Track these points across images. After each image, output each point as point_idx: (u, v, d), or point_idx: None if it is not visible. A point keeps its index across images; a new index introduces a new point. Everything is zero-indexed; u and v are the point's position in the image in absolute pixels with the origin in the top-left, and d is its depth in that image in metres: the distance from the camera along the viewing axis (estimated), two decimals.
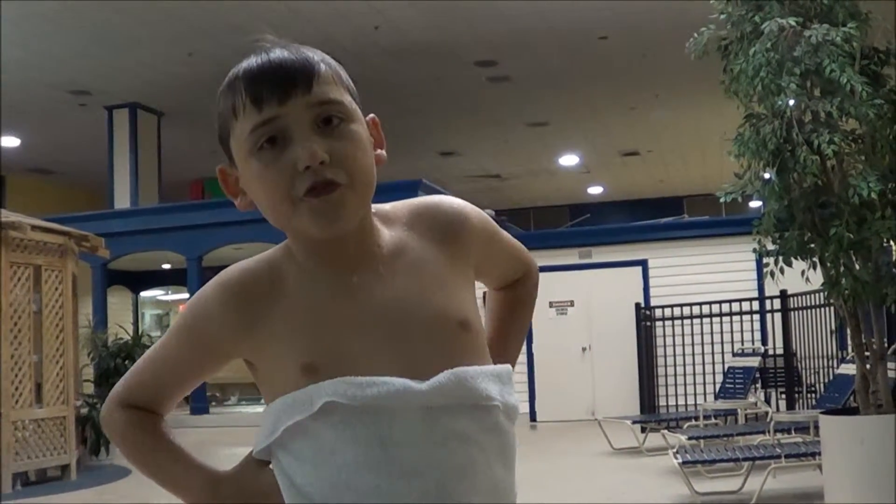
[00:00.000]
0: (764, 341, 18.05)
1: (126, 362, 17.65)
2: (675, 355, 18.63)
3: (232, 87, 1.86)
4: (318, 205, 1.78)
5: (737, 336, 17.90)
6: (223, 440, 18.83)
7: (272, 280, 1.90)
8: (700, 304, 18.35)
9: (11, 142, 25.05)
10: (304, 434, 1.80)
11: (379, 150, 1.93)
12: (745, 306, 18.15)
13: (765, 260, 9.71)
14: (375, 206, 1.95)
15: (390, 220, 1.96)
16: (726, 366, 17.05)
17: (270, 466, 1.91)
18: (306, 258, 1.90)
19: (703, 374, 18.04)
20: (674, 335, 18.69)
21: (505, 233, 2.20)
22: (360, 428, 1.75)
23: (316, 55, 1.87)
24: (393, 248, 1.92)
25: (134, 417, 2.04)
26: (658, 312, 19.10)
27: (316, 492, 1.79)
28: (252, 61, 1.86)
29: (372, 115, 1.95)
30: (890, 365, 9.60)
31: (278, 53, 1.85)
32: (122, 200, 23.53)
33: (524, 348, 13.50)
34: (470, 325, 1.90)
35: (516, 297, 2.31)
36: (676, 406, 18.36)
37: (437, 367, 1.80)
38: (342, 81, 1.89)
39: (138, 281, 28.30)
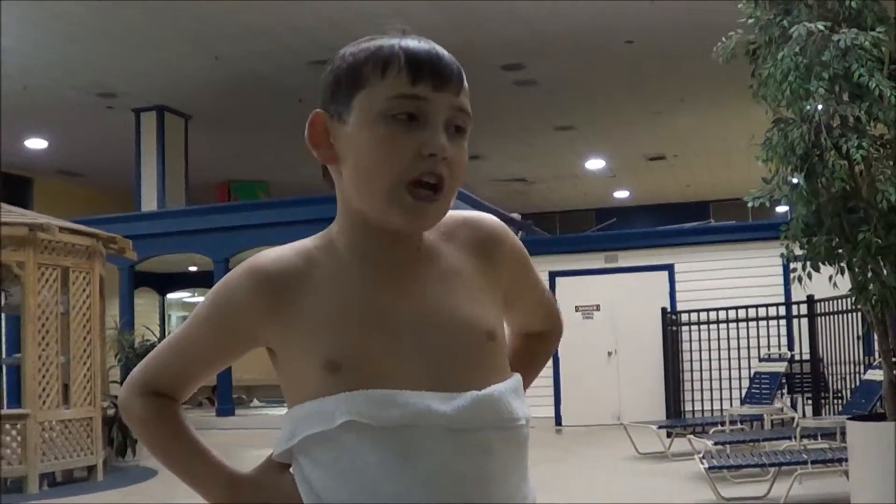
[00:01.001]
0: (790, 346, 17.97)
1: None
2: (701, 360, 18.57)
3: (385, 49, 1.85)
4: (416, 206, 1.80)
5: (763, 341, 17.84)
6: (249, 442, 18.84)
7: (305, 269, 1.89)
8: (726, 308, 18.28)
9: (39, 144, 25.16)
10: (324, 440, 1.80)
11: None
12: (772, 311, 18.08)
13: (792, 265, 9.68)
14: None
15: (434, 229, 1.95)
16: (752, 371, 16.98)
17: (291, 470, 1.91)
18: (348, 245, 1.90)
19: (730, 379, 17.98)
20: (700, 340, 18.63)
21: (540, 278, 2.23)
22: (380, 440, 1.75)
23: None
24: (430, 254, 1.93)
25: (155, 404, 2.04)
26: (684, 317, 19.04)
27: (335, 498, 1.79)
28: (412, 41, 1.86)
29: None
30: None
31: (436, 46, 1.87)
32: (149, 203, 23.61)
33: None
34: (496, 336, 1.92)
35: (535, 351, 2.31)
36: (702, 411, 18.32)
37: (462, 377, 1.81)
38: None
39: (165, 283, 28.37)
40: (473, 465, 1.78)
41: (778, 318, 18.14)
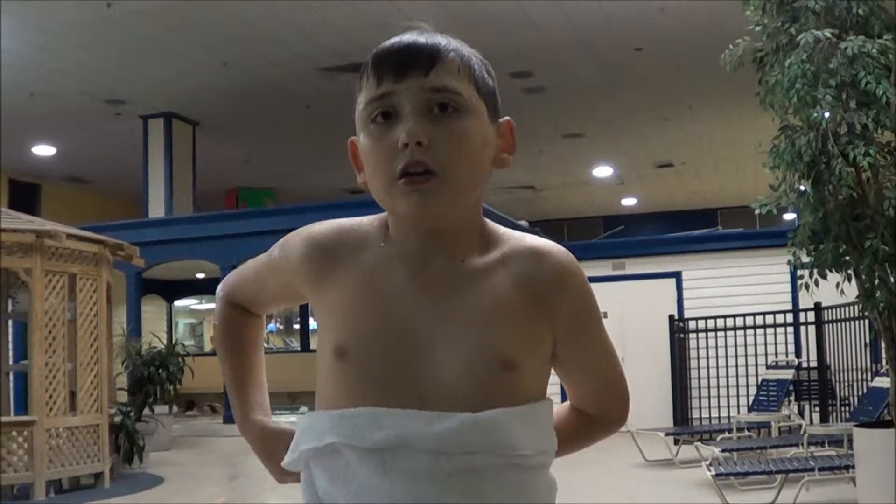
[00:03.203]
0: (798, 354, 17.96)
1: (160, 371, 17.69)
2: (708, 367, 18.54)
3: (365, 64, 1.88)
4: (411, 192, 1.79)
5: (770, 348, 17.81)
6: None
7: (352, 248, 1.94)
8: (734, 316, 18.26)
9: (47, 150, 25.20)
10: (325, 449, 1.84)
11: (505, 155, 1.95)
12: (780, 318, 18.06)
13: (799, 272, 9.68)
14: (491, 223, 1.96)
15: (493, 243, 1.93)
16: (760, 378, 16.98)
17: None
18: (394, 235, 1.93)
19: (737, 386, 17.96)
20: (707, 347, 18.61)
21: (609, 345, 2.07)
22: (366, 457, 1.77)
23: (451, 44, 1.90)
24: (474, 270, 1.89)
25: (232, 314, 2.25)
26: (692, 324, 19.02)
27: (334, 500, 1.82)
28: (388, 41, 1.88)
29: (507, 119, 1.96)
30: None
31: (412, 36, 1.88)
32: (156, 209, 23.63)
33: None
34: (515, 368, 1.83)
35: (577, 428, 2.17)
36: (710, 418, 18.28)
37: (459, 398, 1.78)
38: (472, 75, 1.89)
39: (172, 290, 28.41)
40: (457, 490, 1.76)
41: (785, 325, 18.12)
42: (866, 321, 13.47)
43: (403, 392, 1.79)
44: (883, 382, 11.48)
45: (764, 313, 18.04)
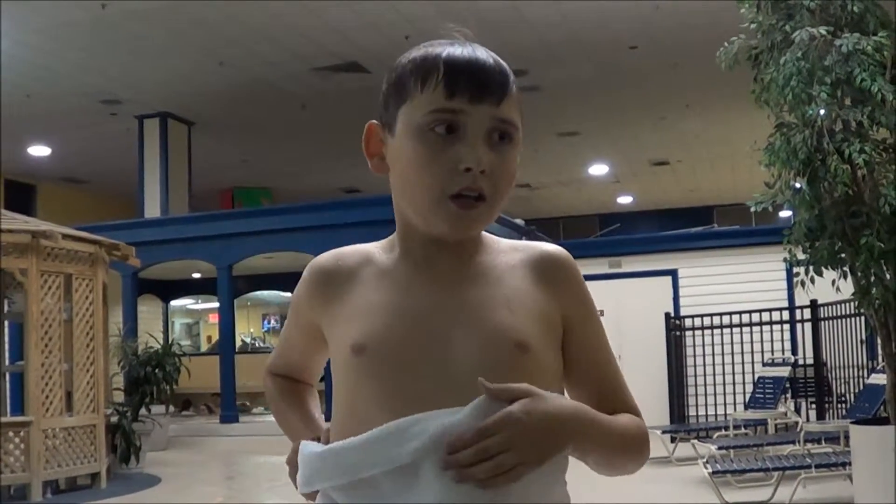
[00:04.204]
0: (794, 351, 17.98)
1: (156, 371, 17.70)
2: (704, 365, 18.55)
3: (428, 61, 1.86)
4: (459, 214, 1.82)
5: (767, 346, 17.81)
6: (253, 449, 18.89)
7: (356, 267, 1.99)
8: (730, 313, 18.26)
9: (42, 151, 25.21)
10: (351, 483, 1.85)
11: None
12: (776, 316, 18.06)
13: (795, 269, 9.68)
14: (485, 234, 1.99)
15: (493, 246, 1.99)
16: (756, 376, 16.97)
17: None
18: (401, 248, 1.96)
19: (733, 383, 17.97)
20: (703, 345, 18.61)
21: (606, 347, 2.08)
22: (398, 470, 1.75)
23: (511, 73, 1.89)
24: (481, 263, 1.94)
25: (276, 383, 2.31)
26: (688, 322, 19.02)
27: None
28: (458, 50, 1.87)
29: None
30: None
31: (483, 54, 1.87)
32: (152, 209, 23.63)
33: None
34: (529, 349, 1.85)
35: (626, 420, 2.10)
36: (706, 416, 18.29)
37: (477, 387, 1.73)
38: (520, 106, 1.91)
39: (168, 290, 28.40)
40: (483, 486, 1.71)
41: (781, 322, 18.12)
42: (862, 318, 13.42)
43: (422, 379, 1.81)
44: (879, 379, 11.48)
45: (760, 311, 18.03)
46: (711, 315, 18.42)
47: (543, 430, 1.72)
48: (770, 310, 17.98)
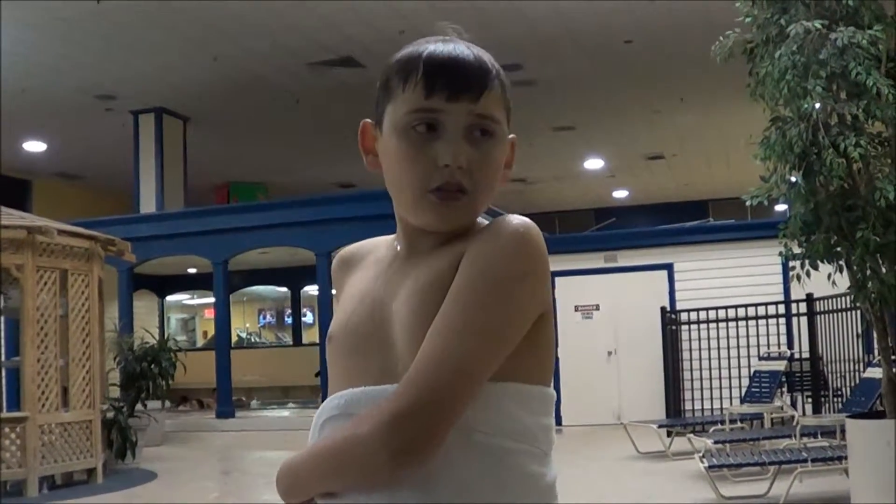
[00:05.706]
0: (790, 345, 17.97)
1: (152, 366, 17.70)
2: (700, 359, 18.57)
3: (412, 62, 1.88)
4: (442, 206, 1.84)
5: (763, 340, 17.84)
6: (250, 444, 18.90)
7: (363, 257, 2.11)
8: (726, 307, 18.29)
9: (38, 146, 25.15)
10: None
11: (506, 169, 1.96)
12: (772, 310, 18.09)
13: (791, 263, 9.70)
14: (480, 220, 1.98)
15: (471, 232, 1.88)
16: (752, 370, 16.99)
17: None
18: (399, 240, 2.01)
19: (729, 377, 17.99)
20: (699, 339, 18.64)
21: (473, 320, 1.74)
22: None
23: (494, 67, 1.90)
24: (444, 251, 1.88)
25: None
26: (684, 316, 19.04)
27: None
28: (439, 47, 1.88)
29: (513, 137, 1.97)
30: None
31: (463, 51, 1.88)
32: (147, 205, 23.60)
33: None
34: None
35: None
36: (702, 410, 18.32)
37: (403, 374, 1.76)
38: (505, 99, 1.92)
39: (164, 285, 28.42)
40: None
41: (777, 316, 18.15)
42: (858, 312, 13.49)
43: (367, 366, 1.88)
44: (875, 373, 11.49)
45: (756, 305, 18.07)
46: (707, 309, 18.44)
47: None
48: (766, 304, 18.01)
